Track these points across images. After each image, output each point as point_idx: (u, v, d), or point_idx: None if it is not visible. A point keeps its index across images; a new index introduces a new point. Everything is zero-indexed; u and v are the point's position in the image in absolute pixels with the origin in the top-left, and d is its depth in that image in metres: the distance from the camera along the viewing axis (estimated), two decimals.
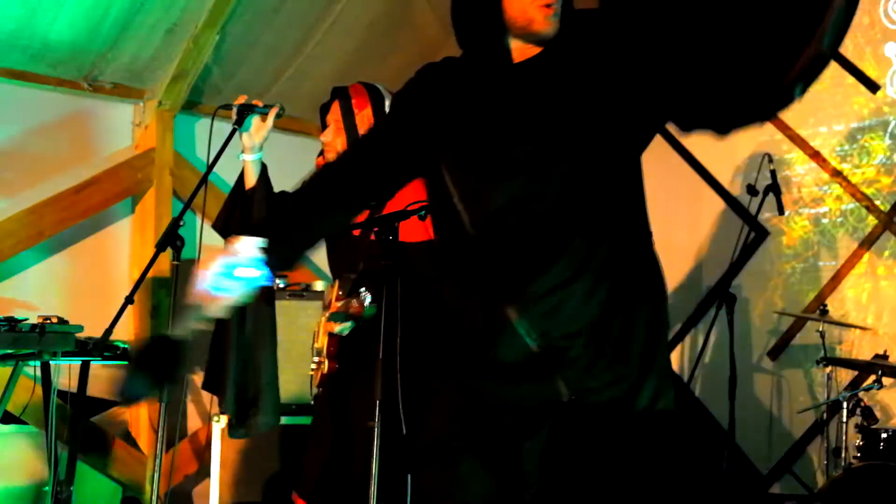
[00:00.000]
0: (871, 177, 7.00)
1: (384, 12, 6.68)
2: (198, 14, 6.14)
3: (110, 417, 6.39)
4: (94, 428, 6.10)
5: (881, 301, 6.82)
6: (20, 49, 5.96)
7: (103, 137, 6.42)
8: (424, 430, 2.95)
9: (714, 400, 6.76)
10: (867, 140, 7.04)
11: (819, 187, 7.20)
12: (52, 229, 6.13)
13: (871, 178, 7.00)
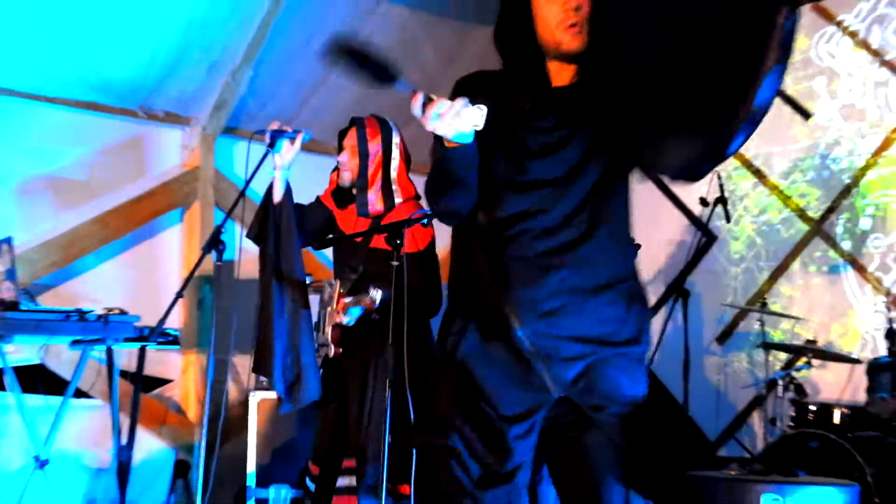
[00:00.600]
0: (803, 191, 7.04)
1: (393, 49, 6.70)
2: (235, 53, 6.17)
3: (164, 393, 6.43)
4: (150, 402, 6.14)
5: (812, 295, 6.87)
6: (88, 84, 6.00)
7: (156, 158, 6.44)
8: (429, 412, 2.83)
9: (670, 378, 6.78)
10: (801, 160, 7.07)
11: (760, 199, 7.23)
12: (114, 235, 6.15)
13: (803, 191, 7.04)
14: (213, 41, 6.14)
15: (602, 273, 2.60)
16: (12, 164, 5.82)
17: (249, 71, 6.28)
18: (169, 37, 6.00)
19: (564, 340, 2.56)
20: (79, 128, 6.08)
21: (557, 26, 2.55)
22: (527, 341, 2.55)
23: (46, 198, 5.95)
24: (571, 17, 2.53)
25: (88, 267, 6.08)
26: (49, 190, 5.97)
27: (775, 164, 7.19)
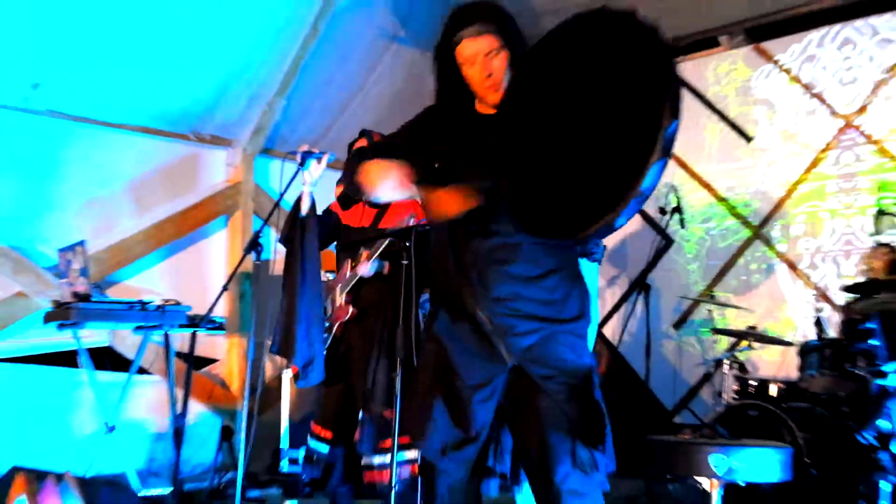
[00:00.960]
0: (745, 201, 7.02)
1: (403, 84, 6.68)
2: (271, 87, 6.17)
3: (211, 370, 6.40)
4: (200, 378, 6.13)
5: (752, 289, 6.85)
6: (148, 113, 6.00)
7: (204, 174, 6.44)
8: (413, 384, 2.87)
9: (634, 357, 6.76)
10: (743, 175, 7.05)
11: (709, 208, 7.21)
12: (169, 239, 6.14)
13: (745, 201, 7.02)
14: (252, 77, 6.17)
15: (543, 263, 2.62)
16: (85, 180, 5.82)
17: (283, 101, 6.30)
18: (216, 74, 6.05)
19: (517, 318, 2.59)
20: (140, 149, 6.08)
21: (479, 85, 2.62)
22: (486, 321, 2.59)
23: (113, 208, 5.95)
24: (487, 80, 2.60)
25: (148, 265, 6.09)
26: (115, 201, 5.97)
27: (722, 180, 7.17)
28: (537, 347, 2.59)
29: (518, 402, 2.64)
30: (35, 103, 5.46)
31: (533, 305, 2.60)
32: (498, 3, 2.68)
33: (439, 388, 2.68)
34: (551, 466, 2.49)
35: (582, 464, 2.49)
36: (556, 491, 2.49)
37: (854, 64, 6.59)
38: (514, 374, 2.61)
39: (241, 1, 5.65)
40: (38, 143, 5.58)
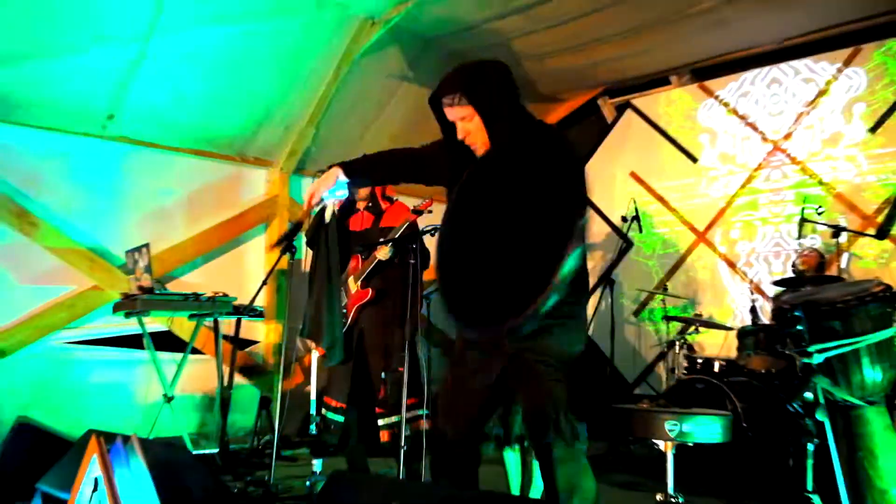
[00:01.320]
0: (692, 211, 7.00)
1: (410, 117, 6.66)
2: (302, 118, 6.16)
3: (252, 350, 6.36)
4: (243, 356, 6.09)
5: (698, 283, 6.84)
6: (202, 139, 5.98)
7: (248, 189, 6.41)
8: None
9: (602, 339, 6.72)
10: (690, 190, 7.03)
11: (662, 217, 7.19)
12: (218, 242, 6.12)
13: (692, 211, 7.00)
14: (287, 110, 6.16)
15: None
16: (150, 193, 5.82)
17: (312, 130, 6.29)
18: (258, 108, 6.04)
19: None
20: (195, 168, 6.06)
21: (468, 143, 2.54)
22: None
23: (172, 216, 5.92)
24: (466, 140, 2.53)
25: (201, 264, 6.05)
26: (174, 211, 5.94)
27: (673, 193, 7.15)
28: (533, 337, 2.49)
29: (517, 382, 2.58)
30: (110, 132, 5.48)
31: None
32: (472, 68, 2.56)
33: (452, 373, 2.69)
34: (541, 435, 2.47)
35: (565, 435, 2.45)
36: (546, 455, 2.46)
37: (780, 99, 6.59)
38: (513, 359, 2.53)
39: (279, 50, 5.64)
40: (111, 163, 5.59)
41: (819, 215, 5.66)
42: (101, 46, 4.97)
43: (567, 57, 6.40)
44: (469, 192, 2.43)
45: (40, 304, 5.19)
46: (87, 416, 4.80)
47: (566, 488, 2.45)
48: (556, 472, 2.45)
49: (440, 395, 2.74)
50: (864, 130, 6.10)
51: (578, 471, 2.49)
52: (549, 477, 2.48)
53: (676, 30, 6.02)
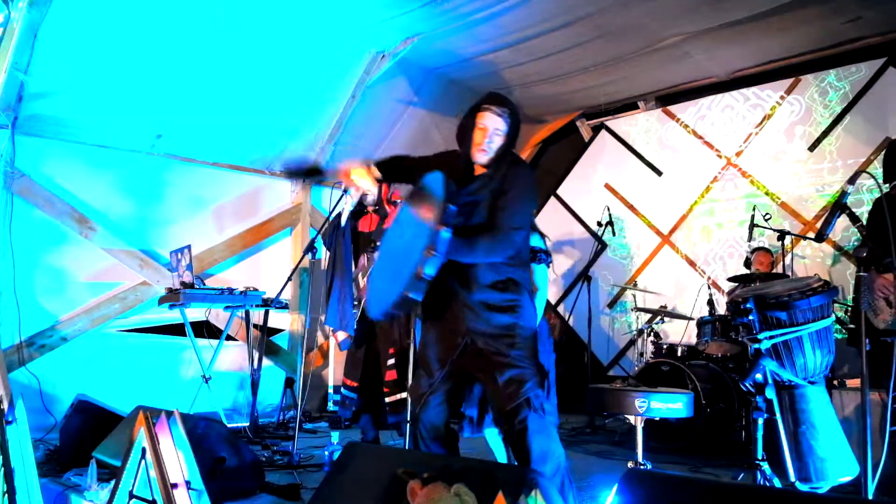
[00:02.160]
0: (657, 217, 6.97)
1: (415, 136, 6.65)
2: (322, 137, 6.15)
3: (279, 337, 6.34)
4: (271, 343, 6.06)
5: (664, 279, 6.81)
6: (237, 155, 5.96)
7: (275, 198, 6.39)
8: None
9: (580, 328, 6.70)
10: (656, 199, 7.01)
11: (632, 222, 7.16)
12: (250, 244, 6.10)
13: (657, 217, 6.97)
14: (309, 130, 6.15)
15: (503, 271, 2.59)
16: (192, 202, 5.82)
17: (331, 147, 6.26)
18: (283, 128, 6.02)
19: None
20: (230, 181, 6.06)
21: (475, 144, 2.60)
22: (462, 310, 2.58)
23: (211, 221, 5.91)
24: (481, 144, 2.59)
25: (235, 262, 6.04)
26: (212, 217, 5.93)
27: (641, 202, 7.12)
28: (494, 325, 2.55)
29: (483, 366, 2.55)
30: (158, 148, 5.47)
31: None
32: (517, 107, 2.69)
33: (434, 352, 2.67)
34: (516, 411, 2.43)
35: (536, 407, 2.43)
36: (520, 429, 2.43)
37: (732, 121, 6.56)
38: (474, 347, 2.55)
39: (303, 78, 5.62)
40: (158, 176, 5.59)
41: (766, 221, 5.65)
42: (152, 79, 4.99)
43: (550, 85, 6.38)
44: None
45: (97, 298, 5.19)
46: (136, 394, 4.76)
47: (540, 455, 2.43)
48: (530, 442, 2.42)
49: (412, 378, 2.71)
50: (804, 149, 6.08)
51: (549, 439, 2.47)
52: (523, 447, 2.44)
53: (644, 62, 6.00)
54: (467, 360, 2.58)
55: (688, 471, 4.08)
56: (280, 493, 3.27)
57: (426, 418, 2.61)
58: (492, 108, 2.58)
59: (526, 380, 2.46)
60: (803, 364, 2.95)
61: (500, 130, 2.58)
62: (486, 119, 2.58)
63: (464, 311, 2.54)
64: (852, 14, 5.16)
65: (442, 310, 2.61)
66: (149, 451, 2.47)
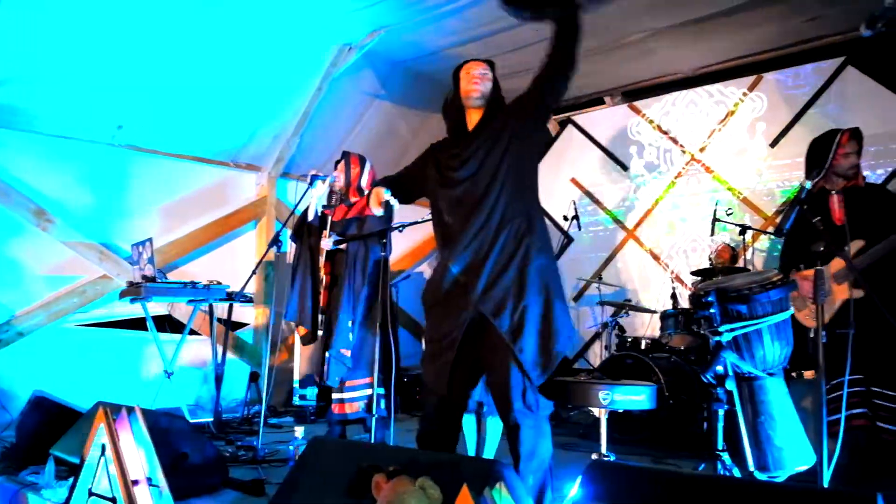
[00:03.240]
0: (623, 211, 7.05)
1: (381, 129, 6.62)
2: (288, 129, 6.07)
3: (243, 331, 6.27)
4: (235, 336, 6.00)
5: (628, 273, 6.89)
6: (200, 146, 5.88)
7: (241, 191, 6.31)
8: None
9: None
10: (621, 193, 7.08)
11: (598, 217, 7.23)
12: (214, 237, 6.02)
13: (623, 212, 7.05)
14: (275, 122, 6.08)
15: None
16: (153, 194, 5.70)
17: (297, 139, 6.20)
18: (249, 120, 5.94)
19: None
20: (194, 173, 5.96)
21: (465, 89, 2.74)
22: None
23: (173, 214, 5.80)
24: (472, 82, 2.72)
25: (199, 256, 5.95)
26: (175, 209, 5.82)
27: (607, 196, 7.18)
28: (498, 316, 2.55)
29: (483, 356, 2.57)
30: (118, 139, 5.37)
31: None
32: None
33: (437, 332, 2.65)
34: (510, 405, 2.45)
35: (529, 404, 2.45)
36: (514, 422, 2.46)
37: (696, 117, 6.66)
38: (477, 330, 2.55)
39: (269, 70, 5.56)
40: (119, 168, 5.48)
41: (728, 216, 5.74)
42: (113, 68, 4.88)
43: (517, 79, 6.28)
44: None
45: (55, 291, 5.08)
46: (97, 390, 4.69)
47: (527, 453, 2.46)
48: (520, 438, 2.45)
49: (424, 372, 2.69)
50: (766, 146, 6.19)
51: (539, 437, 2.50)
52: (511, 441, 2.48)
53: (610, 58, 6.06)
54: (475, 347, 2.57)
55: (651, 462, 4.14)
56: (244, 488, 3.24)
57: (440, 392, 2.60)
58: (471, 61, 2.78)
59: (528, 370, 2.47)
60: (763, 356, 3.01)
61: (486, 74, 2.74)
62: (471, 68, 2.75)
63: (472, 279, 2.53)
64: (812, 13, 5.27)
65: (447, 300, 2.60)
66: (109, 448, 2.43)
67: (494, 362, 2.52)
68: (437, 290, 2.63)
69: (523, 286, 2.50)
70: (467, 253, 2.53)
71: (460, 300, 2.54)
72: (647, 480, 1.93)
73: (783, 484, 2.44)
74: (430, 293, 2.69)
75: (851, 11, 5.11)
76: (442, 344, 2.58)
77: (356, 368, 4.10)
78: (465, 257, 2.53)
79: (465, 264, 2.53)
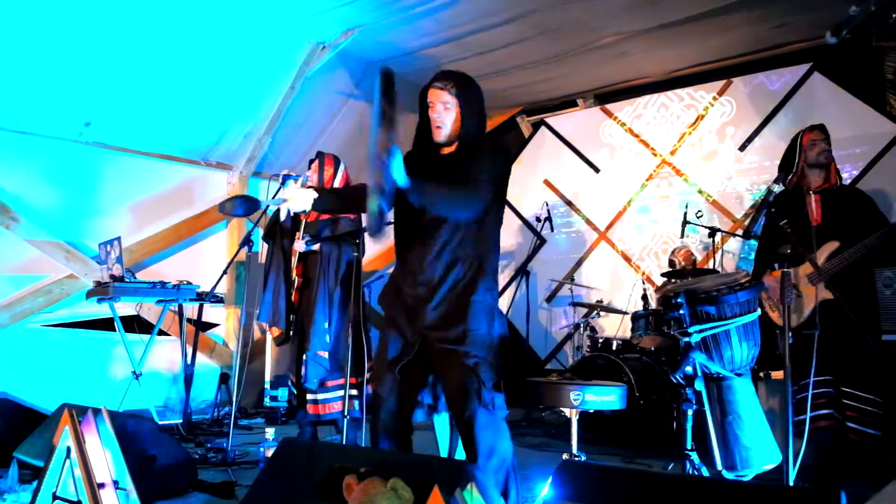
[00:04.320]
0: (595, 213, 7.10)
1: (355, 128, 6.60)
2: (260, 128, 6.02)
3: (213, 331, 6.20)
4: (205, 337, 5.93)
5: (600, 274, 6.93)
6: (170, 144, 5.81)
7: (211, 189, 6.24)
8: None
9: (518, 322, 6.77)
10: (593, 195, 7.13)
11: (570, 218, 7.27)
12: (185, 236, 5.95)
13: (594, 213, 7.10)
14: (247, 121, 6.02)
15: None
16: (123, 192, 5.62)
17: (269, 138, 6.15)
18: (221, 118, 5.89)
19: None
20: (164, 171, 5.89)
21: (432, 126, 2.49)
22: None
23: (143, 213, 5.73)
24: (434, 122, 2.48)
25: (168, 255, 5.88)
26: (144, 208, 5.75)
27: (579, 198, 7.23)
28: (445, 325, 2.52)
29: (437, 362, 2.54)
30: (86, 136, 5.29)
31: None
32: (466, 76, 2.54)
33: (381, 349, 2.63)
34: (465, 405, 2.43)
35: (486, 403, 2.44)
36: (468, 423, 2.43)
37: (667, 121, 6.73)
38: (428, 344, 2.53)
39: (241, 68, 5.51)
40: (87, 165, 5.39)
41: (698, 218, 5.82)
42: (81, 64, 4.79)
43: (491, 81, 6.42)
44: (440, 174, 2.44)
45: (19, 291, 4.98)
46: (63, 391, 4.60)
47: (486, 450, 2.45)
48: (476, 437, 2.44)
49: (374, 370, 2.68)
50: (735, 149, 6.29)
51: (498, 434, 2.49)
52: (471, 441, 2.46)
53: (583, 60, 6.11)
54: (425, 354, 2.55)
55: (621, 461, 4.17)
56: (213, 490, 3.21)
57: (389, 408, 2.58)
58: (434, 84, 2.49)
59: (479, 373, 2.46)
60: (731, 356, 3.06)
61: (447, 104, 2.46)
62: (431, 95, 2.49)
63: (419, 308, 2.51)
64: (779, 20, 5.36)
65: (398, 306, 2.58)
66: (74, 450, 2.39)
67: (446, 369, 2.51)
68: (391, 304, 2.62)
69: (470, 315, 2.49)
70: (420, 279, 2.50)
71: (411, 321, 2.53)
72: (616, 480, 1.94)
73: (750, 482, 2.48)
74: (385, 303, 2.67)
75: (817, 19, 5.22)
76: (393, 361, 2.56)
77: (333, 370, 4.08)
78: (419, 282, 2.50)
79: (418, 290, 2.51)
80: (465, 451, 2.51)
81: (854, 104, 5.64)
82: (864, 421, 3.56)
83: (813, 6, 5.04)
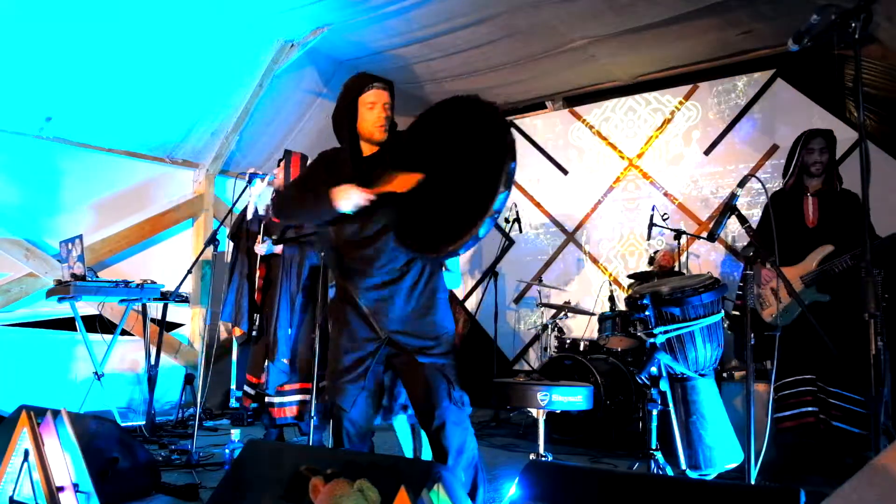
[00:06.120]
0: (563, 215, 7.15)
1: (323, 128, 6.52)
2: (227, 125, 5.96)
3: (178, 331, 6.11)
4: (169, 337, 5.84)
5: (568, 275, 6.98)
6: (135, 141, 5.71)
7: (177, 187, 6.16)
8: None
9: (486, 323, 6.79)
10: (561, 197, 7.17)
11: (538, 220, 7.31)
12: (150, 234, 5.87)
13: (563, 215, 7.15)
14: (214, 118, 5.95)
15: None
16: (85, 190, 5.53)
17: (236, 136, 6.10)
18: (187, 115, 5.81)
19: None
20: (128, 168, 5.80)
21: (373, 123, 2.53)
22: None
23: (106, 211, 5.63)
24: (381, 121, 2.52)
25: (132, 254, 5.79)
26: (108, 206, 5.65)
27: (547, 200, 7.27)
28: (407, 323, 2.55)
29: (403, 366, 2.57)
30: (47, 132, 5.19)
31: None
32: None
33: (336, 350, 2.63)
34: (437, 403, 2.46)
35: (456, 401, 2.47)
36: (440, 421, 2.46)
37: (634, 124, 6.80)
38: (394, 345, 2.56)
39: (208, 64, 5.44)
40: (48, 162, 5.28)
41: (664, 221, 5.90)
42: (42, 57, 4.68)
43: (461, 81, 6.43)
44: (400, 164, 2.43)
45: None
46: (21, 393, 4.51)
47: (457, 448, 2.47)
48: (447, 435, 2.46)
49: (329, 383, 2.65)
50: (700, 153, 6.38)
51: (467, 432, 2.52)
52: (439, 440, 2.47)
53: (552, 63, 6.15)
54: (385, 357, 2.58)
55: (587, 461, 4.21)
56: (177, 493, 3.16)
57: (353, 417, 2.57)
58: (375, 85, 2.54)
59: (447, 373, 2.49)
60: (695, 357, 3.10)
61: (388, 105, 2.55)
62: (375, 96, 2.53)
63: (381, 312, 2.52)
64: (744, 27, 5.46)
65: (354, 316, 2.58)
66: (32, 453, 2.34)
67: (414, 370, 2.53)
68: (345, 316, 2.60)
69: (438, 311, 2.56)
70: (373, 292, 2.52)
71: (372, 327, 2.54)
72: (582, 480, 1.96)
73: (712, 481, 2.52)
74: (337, 317, 2.65)
75: (781, 26, 5.33)
76: (352, 370, 2.56)
77: (292, 373, 4.08)
78: (372, 295, 2.52)
79: (373, 301, 2.53)
80: (433, 450, 2.52)
81: (815, 110, 5.77)
82: (848, 419, 3.60)
83: (777, 14, 5.14)
